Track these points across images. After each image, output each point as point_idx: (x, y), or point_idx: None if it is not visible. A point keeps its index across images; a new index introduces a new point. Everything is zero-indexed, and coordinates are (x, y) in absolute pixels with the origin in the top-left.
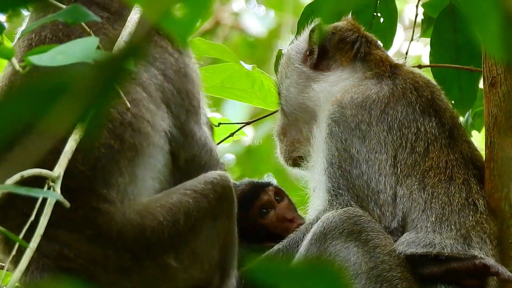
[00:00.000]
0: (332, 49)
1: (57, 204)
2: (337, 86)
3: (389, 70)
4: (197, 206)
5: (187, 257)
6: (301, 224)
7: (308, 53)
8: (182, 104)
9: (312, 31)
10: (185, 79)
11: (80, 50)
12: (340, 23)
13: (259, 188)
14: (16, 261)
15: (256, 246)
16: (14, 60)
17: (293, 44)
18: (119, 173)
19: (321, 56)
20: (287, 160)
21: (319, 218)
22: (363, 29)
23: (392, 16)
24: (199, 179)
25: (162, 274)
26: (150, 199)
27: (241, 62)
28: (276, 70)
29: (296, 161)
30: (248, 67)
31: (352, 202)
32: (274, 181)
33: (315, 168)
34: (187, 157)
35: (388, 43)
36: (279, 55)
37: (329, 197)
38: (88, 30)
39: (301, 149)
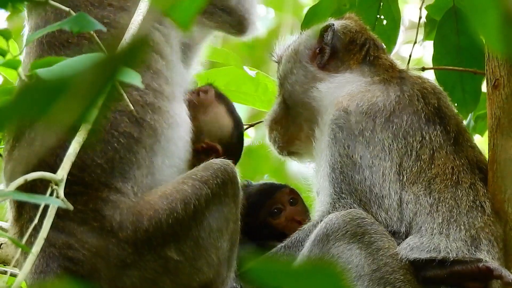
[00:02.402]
0: (342, 50)
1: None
2: (343, 89)
3: (397, 76)
4: (195, 193)
5: (190, 249)
6: None
7: (317, 51)
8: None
9: (324, 30)
10: None
11: (88, 64)
12: (349, 23)
13: (275, 188)
14: (25, 255)
15: (258, 244)
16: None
17: (301, 39)
18: (137, 166)
19: (330, 56)
20: (282, 150)
21: (322, 220)
22: (369, 30)
23: (395, 17)
24: (199, 167)
25: (163, 268)
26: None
27: (245, 68)
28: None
29: (292, 153)
30: (252, 73)
31: (355, 205)
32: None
33: (318, 173)
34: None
35: (391, 45)
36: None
37: (331, 200)
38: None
39: (300, 145)
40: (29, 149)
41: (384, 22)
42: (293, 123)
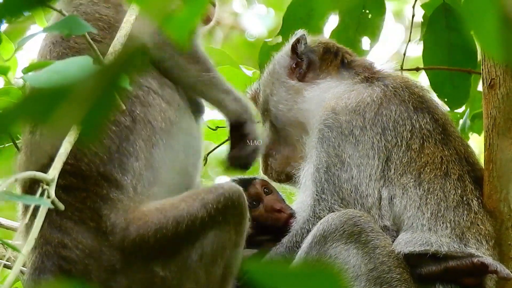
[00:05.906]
0: (319, 61)
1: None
2: (328, 92)
3: (377, 73)
4: (191, 214)
5: (177, 268)
6: (291, 215)
7: (294, 65)
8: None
9: (297, 42)
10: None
11: (75, 70)
12: (317, 37)
13: (247, 182)
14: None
15: (251, 245)
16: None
17: (274, 61)
18: (135, 157)
19: (308, 67)
20: (279, 175)
21: (304, 227)
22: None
23: (379, 12)
24: (205, 188)
25: (150, 282)
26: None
27: (241, 67)
28: (261, 68)
29: (289, 177)
30: (248, 72)
31: (335, 206)
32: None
33: (303, 172)
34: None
35: (375, 38)
36: (263, 51)
37: (312, 202)
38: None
39: (295, 164)
40: (25, 149)
41: (369, 16)
42: (285, 145)
